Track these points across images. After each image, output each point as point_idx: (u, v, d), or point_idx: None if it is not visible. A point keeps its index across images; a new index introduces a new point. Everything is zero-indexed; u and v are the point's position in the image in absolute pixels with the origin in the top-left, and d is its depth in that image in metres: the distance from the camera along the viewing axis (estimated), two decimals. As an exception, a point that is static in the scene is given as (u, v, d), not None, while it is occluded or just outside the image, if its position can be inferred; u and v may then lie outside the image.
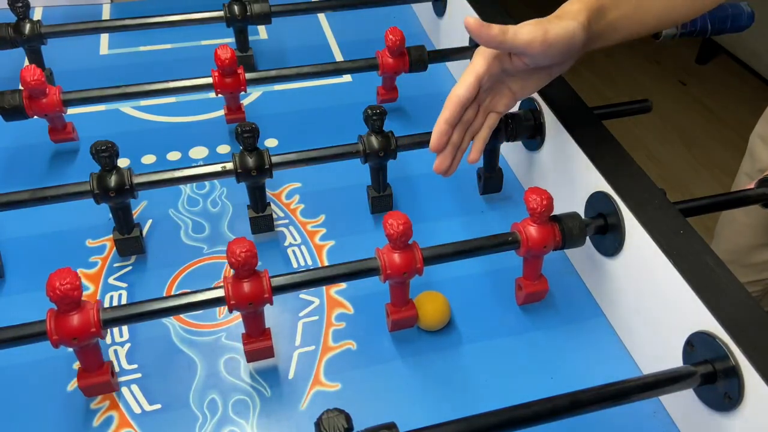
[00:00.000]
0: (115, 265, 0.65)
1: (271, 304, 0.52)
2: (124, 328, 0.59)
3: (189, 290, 0.52)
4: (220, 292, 0.51)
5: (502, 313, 0.62)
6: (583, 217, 0.61)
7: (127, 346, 0.58)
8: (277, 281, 0.52)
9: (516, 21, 0.57)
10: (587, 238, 0.61)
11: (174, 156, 0.77)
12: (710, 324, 0.48)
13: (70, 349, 0.57)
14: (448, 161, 0.59)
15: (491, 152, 0.71)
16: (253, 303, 0.51)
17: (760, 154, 0.95)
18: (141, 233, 0.65)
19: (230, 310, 0.51)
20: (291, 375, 0.56)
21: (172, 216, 0.70)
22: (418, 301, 0.59)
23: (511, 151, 0.77)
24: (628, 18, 0.60)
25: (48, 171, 0.75)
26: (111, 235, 0.65)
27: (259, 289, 0.51)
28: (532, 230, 0.56)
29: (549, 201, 0.55)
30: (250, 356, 0.55)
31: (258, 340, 0.54)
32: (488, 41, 0.54)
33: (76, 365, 0.56)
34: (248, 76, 0.75)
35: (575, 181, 0.63)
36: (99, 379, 0.52)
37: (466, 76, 0.57)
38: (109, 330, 0.59)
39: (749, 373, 0.45)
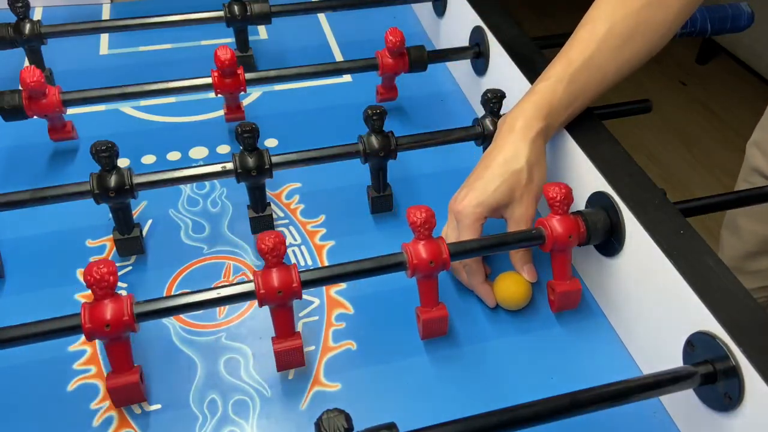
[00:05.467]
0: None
1: (300, 297, 0.52)
2: (124, 328, 0.59)
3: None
4: (250, 286, 0.51)
5: (502, 313, 0.62)
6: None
7: (127, 346, 0.58)
8: (305, 275, 0.52)
9: (517, 21, 0.57)
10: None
11: (174, 156, 0.77)
12: (710, 324, 0.48)
13: (71, 350, 0.57)
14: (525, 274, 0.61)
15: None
16: (282, 292, 0.51)
17: (757, 162, 0.95)
18: (141, 233, 0.65)
19: (260, 304, 0.51)
20: (291, 375, 0.56)
21: (172, 216, 0.70)
22: (496, 284, 0.61)
23: (511, 151, 0.77)
24: (587, 102, 0.63)
25: (48, 171, 0.75)
26: (111, 235, 0.65)
27: (288, 278, 0.51)
28: (555, 222, 0.56)
29: (567, 190, 0.56)
30: (280, 357, 0.54)
31: (288, 340, 0.54)
32: None
33: (78, 364, 0.56)
34: (248, 76, 0.75)
35: (575, 181, 0.63)
36: (128, 379, 0.51)
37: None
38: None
39: (749, 373, 0.45)
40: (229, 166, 0.62)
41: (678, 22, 0.62)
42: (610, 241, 0.58)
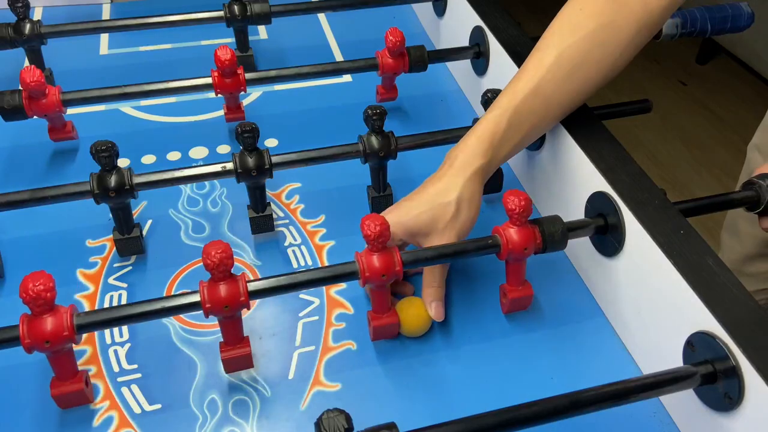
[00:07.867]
0: (115, 265, 0.65)
1: (249, 308, 0.51)
2: (124, 328, 0.59)
3: (177, 293, 0.52)
4: (196, 297, 0.50)
5: (502, 313, 0.62)
6: (583, 216, 0.62)
7: (127, 346, 0.58)
8: (254, 285, 0.51)
9: (517, 21, 0.57)
10: (587, 238, 0.61)
11: (174, 156, 0.77)
12: (710, 324, 0.48)
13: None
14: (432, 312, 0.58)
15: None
16: (229, 306, 0.50)
17: (757, 164, 0.95)
18: (141, 233, 0.65)
19: (206, 315, 0.50)
20: (291, 375, 0.56)
21: (172, 216, 0.70)
22: (398, 307, 0.58)
23: (511, 151, 0.77)
24: (534, 132, 0.62)
25: (48, 171, 0.75)
26: (111, 235, 0.65)
27: (235, 292, 0.50)
28: (512, 233, 0.55)
29: (527, 202, 0.54)
30: (228, 365, 0.55)
31: (236, 348, 0.54)
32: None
33: (77, 364, 0.56)
34: (248, 76, 0.75)
35: (575, 181, 0.63)
36: (72, 387, 0.51)
37: None
38: (101, 332, 0.59)
39: (749, 373, 0.45)
40: (229, 166, 0.62)
41: (632, 47, 0.61)
42: (610, 241, 0.58)
